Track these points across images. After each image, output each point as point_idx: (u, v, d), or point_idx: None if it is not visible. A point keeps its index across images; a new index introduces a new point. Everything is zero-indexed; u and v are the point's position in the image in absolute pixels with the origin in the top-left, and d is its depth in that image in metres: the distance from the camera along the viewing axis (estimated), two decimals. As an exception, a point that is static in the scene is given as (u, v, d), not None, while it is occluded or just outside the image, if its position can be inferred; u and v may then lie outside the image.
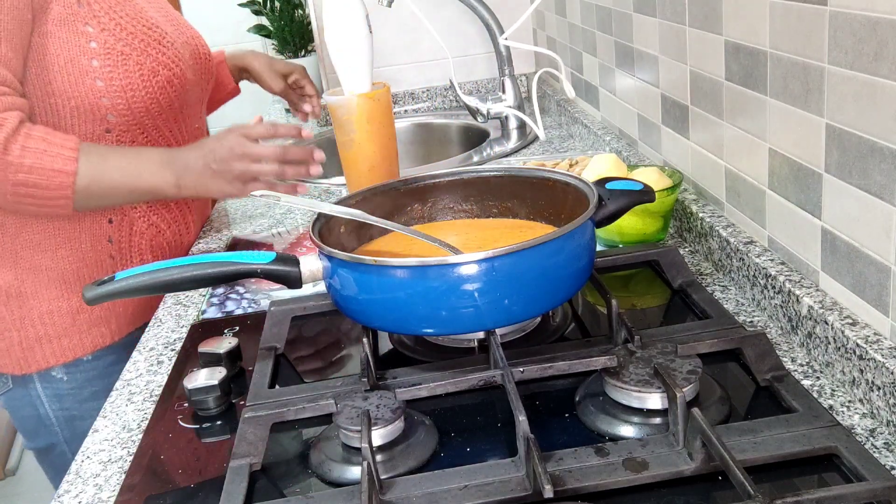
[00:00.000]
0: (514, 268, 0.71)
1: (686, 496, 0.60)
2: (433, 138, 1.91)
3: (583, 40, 1.54)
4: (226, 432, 0.76)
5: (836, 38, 0.69)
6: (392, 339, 0.87)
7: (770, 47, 0.81)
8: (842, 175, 0.72)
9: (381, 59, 1.94)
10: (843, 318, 0.71)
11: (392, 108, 1.20)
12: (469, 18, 1.92)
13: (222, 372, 0.80)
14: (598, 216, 0.81)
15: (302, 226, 1.31)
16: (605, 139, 1.40)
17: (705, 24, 0.96)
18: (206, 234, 1.34)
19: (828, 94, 0.72)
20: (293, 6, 2.29)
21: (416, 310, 0.72)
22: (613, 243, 1.04)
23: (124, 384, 0.89)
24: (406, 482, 0.63)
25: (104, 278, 0.77)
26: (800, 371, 0.75)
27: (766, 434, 0.63)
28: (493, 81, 2.01)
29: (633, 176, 1.02)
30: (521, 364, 0.72)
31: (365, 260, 0.73)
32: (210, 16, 3.31)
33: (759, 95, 0.85)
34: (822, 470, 0.61)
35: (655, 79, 1.16)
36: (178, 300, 1.08)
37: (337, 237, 0.85)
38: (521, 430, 0.61)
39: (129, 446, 0.77)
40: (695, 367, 0.68)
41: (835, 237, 0.74)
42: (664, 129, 1.16)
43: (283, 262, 0.78)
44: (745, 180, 0.91)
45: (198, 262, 0.76)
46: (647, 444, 0.63)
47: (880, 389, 0.65)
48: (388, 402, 0.68)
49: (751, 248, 0.88)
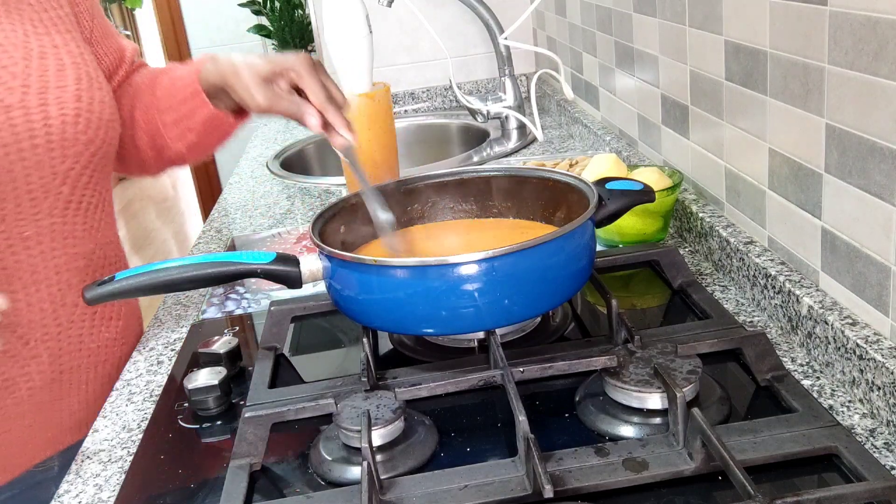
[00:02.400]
0: (514, 268, 0.71)
1: (686, 496, 0.60)
2: (433, 138, 1.91)
3: (583, 40, 1.54)
4: (226, 432, 0.76)
5: (836, 38, 0.69)
6: (392, 339, 0.87)
7: (770, 47, 0.81)
8: (842, 175, 0.72)
9: (381, 59, 1.94)
10: (843, 318, 0.71)
11: (392, 108, 1.20)
12: (469, 18, 1.92)
13: (222, 372, 0.80)
14: (598, 216, 0.81)
15: (302, 226, 1.31)
16: (605, 139, 1.40)
17: (705, 24, 0.96)
18: (205, 234, 1.34)
19: (828, 94, 0.72)
20: (293, 6, 2.29)
21: (416, 310, 0.72)
22: (613, 243, 1.04)
23: (124, 384, 0.89)
24: (406, 482, 0.63)
25: (104, 278, 0.77)
26: (800, 371, 0.75)
27: (766, 434, 0.63)
28: (493, 81, 2.01)
29: (633, 176, 1.02)
30: (521, 364, 0.72)
31: (365, 260, 0.73)
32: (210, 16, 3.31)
33: (759, 95, 0.85)
34: (822, 470, 0.61)
35: (655, 79, 1.16)
36: (178, 300, 1.08)
37: (337, 237, 0.85)
38: (521, 430, 0.61)
39: (129, 446, 0.77)
40: (695, 367, 0.68)
41: (835, 237, 0.74)
42: (664, 129, 1.16)
43: (283, 262, 0.78)
44: (745, 180, 0.91)
45: (198, 262, 0.76)
46: (647, 444, 0.63)
47: (880, 389, 0.65)
48: (388, 402, 0.68)
49: (751, 248, 0.88)
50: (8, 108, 0.84)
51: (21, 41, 0.88)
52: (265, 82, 0.90)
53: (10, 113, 0.84)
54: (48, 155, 0.87)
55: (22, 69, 0.86)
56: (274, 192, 1.53)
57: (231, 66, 0.93)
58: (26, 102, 0.85)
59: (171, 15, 3.45)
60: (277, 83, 0.91)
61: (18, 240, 0.87)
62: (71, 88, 0.89)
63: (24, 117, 0.85)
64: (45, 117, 0.86)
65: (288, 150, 1.79)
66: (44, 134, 0.86)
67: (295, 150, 1.81)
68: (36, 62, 0.88)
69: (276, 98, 0.90)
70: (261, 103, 0.90)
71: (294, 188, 1.53)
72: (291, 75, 0.90)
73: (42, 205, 0.88)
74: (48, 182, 0.88)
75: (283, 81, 0.91)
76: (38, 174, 0.87)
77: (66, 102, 0.88)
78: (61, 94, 0.88)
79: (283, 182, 1.58)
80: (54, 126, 0.87)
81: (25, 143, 0.85)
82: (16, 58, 0.87)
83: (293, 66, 0.90)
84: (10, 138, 0.84)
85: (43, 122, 0.86)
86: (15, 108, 0.84)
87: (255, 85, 0.90)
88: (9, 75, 0.85)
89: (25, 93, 0.85)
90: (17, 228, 0.87)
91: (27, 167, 0.86)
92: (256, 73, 0.90)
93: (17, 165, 0.85)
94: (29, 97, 0.86)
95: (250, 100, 0.91)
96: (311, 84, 0.89)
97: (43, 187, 0.88)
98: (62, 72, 0.89)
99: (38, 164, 0.86)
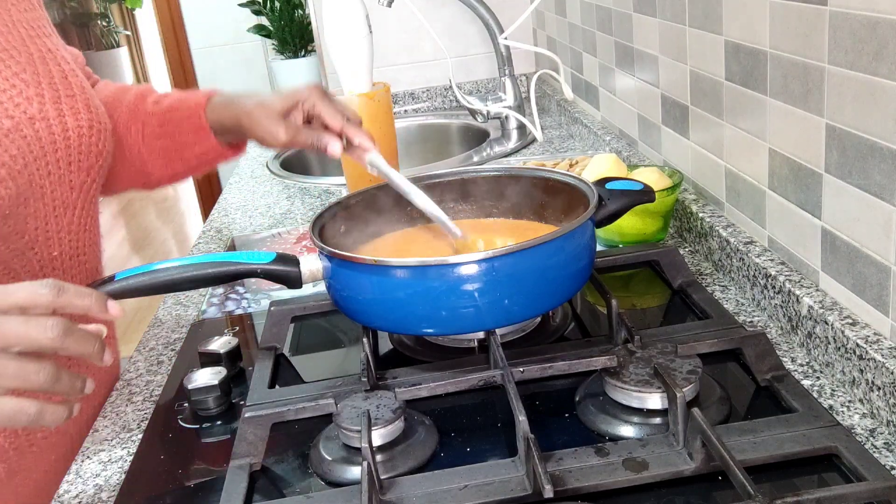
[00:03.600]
0: (514, 268, 0.71)
1: (686, 496, 0.60)
2: (433, 138, 1.90)
3: (583, 40, 1.54)
4: (226, 432, 0.76)
5: (836, 38, 0.69)
6: (392, 339, 0.87)
7: (770, 47, 0.81)
8: (842, 175, 0.72)
9: (381, 59, 1.94)
10: (843, 318, 0.71)
11: (392, 108, 1.20)
12: (469, 18, 1.92)
13: (222, 372, 0.80)
14: (598, 216, 0.81)
15: (302, 226, 1.31)
16: (605, 139, 1.40)
17: (705, 24, 0.96)
18: (205, 234, 1.34)
19: (828, 94, 0.72)
20: (293, 6, 2.29)
21: (416, 310, 0.72)
22: (613, 243, 1.04)
23: (124, 384, 0.89)
24: (406, 482, 0.63)
25: (104, 278, 0.77)
26: (800, 371, 0.75)
27: (766, 434, 0.63)
28: (493, 81, 2.01)
29: (633, 176, 1.02)
30: (521, 364, 0.72)
31: (365, 260, 0.73)
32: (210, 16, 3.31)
33: (759, 95, 0.85)
34: (822, 470, 0.61)
35: (655, 79, 1.16)
36: (178, 300, 1.08)
37: (337, 237, 0.85)
38: (521, 430, 0.61)
39: (129, 446, 0.77)
40: (695, 367, 0.68)
41: (835, 237, 0.74)
42: (664, 129, 1.16)
43: (283, 262, 0.78)
44: (745, 180, 0.91)
45: (198, 262, 0.76)
46: (647, 444, 0.63)
47: (880, 389, 0.65)
48: (388, 402, 0.68)
49: (751, 248, 0.88)
50: (32, 119, 0.80)
51: (20, 44, 0.84)
52: (281, 118, 0.91)
53: (35, 125, 0.80)
54: (68, 168, 0.84)
55: (31, 76, 0.82)
56: (274, 192, 1.53)
57: (245, 108, 0.93)
58: (46, 113, 0.82)
59: (171, 15, 3.45)
60: (294, 116, 0.92)
61: (48, 261, 0.84)
62: (79, 97, 0.86)
63: (47, 129, 0.81)
64: (64, 129, 0.83)
65: (288, 150, 1.79)
66: (64, 147, 0.83)
67: (295, 150, 1.81)
68: (40, 68, 0.84)
69: (296, 132, 0.91)
70: (283, 140, 0.90)
71: (294, 188, 1.53)
72: (306, 107, 0.92)
73: (63, 221, 0.85)
74: (67, 197, 0.85)
75: (299, 114, 0.92)
76: (60, 189, 0.84)
77: (80, 112, 0.86)
78: (73, 104, 0.85)
79: (283, 182, 1.58)
80: (73, 138, 0.84)
81: (51, 156, 0.82)
82: (22, 63, 0.82)
83: (306, 97, 0.91)
84: (39, 151, 0.80)
85: (63, 134, 0.83)
86: (38, 119, 0.81)
87: (274, 123, 0.91)
88: (22, 83, 0.81)
89: (42, 103, 0.82)
90: (47, 249, 0.84)
91: (53, 182, 0.83)
92: (272, 111, 0.91)
93: (46, 181, 0.82)
94: (46, 107, 0.82)
95: (272, 138, 0.91)
96: (328, 110, 0.90)
97: (64, 203, 0.85)
98: (66, 79, 0.86)
99: (61, 178, 0.84)
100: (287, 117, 0.91)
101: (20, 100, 0.80)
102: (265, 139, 0.92)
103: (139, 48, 7.07)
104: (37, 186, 0.80)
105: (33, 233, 0.81)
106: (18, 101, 0.80)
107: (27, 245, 0.81)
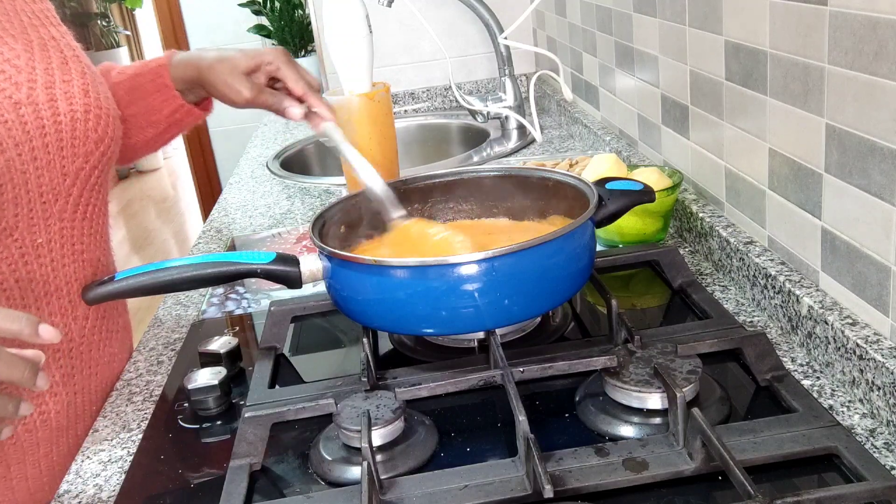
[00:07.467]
0: (514, 268, 0.71)
1: (686, 496, 0.60)
2: (433, 138, 1.91)
3: (583, 40, 1.54)
4: (226, 432, 0.76)
5: (836, 38, 0.69)
6: (392, 339, 0.87)
7: (770, 47, 0.81)
8: (842, 175, 0.72)
9: (381, 59, 1.94)
10: (843, 318, 0.71)
11: (392, 108, 1.20)
12: (469, 18, 1.92)
13: (222, 372, 0.80)
14: (598, 216, 0.81)
15: (302, 226, 1.31)
16: (605, 139, 1.40)
17: (705, 24, 0.96)
18: (205, 234, 1.34)
19: (828, 94, 0.72)
20: (293, 6, 2.30)
21: (416, 310, 0.72)
22: (613, 243, 1.04)
23: (124, 384, 0.89)
24: (406, 482, 0.63)
25: (104, 278, 0.77)
26: (800, 371, 0.75)
27: (766, 434, 0.63)
28: (493, 81, 2.01)
29: (633, 176, 1.02)
30: (521, 364, 0.72)
31: (365, 260, 0.73)
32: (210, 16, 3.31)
33: (759, 95, 0.85)
34: (822, 470, 0.61)
35: (655, 79, 1.16)
36: (178, 300, 1.08)
37: (337, 237, 0.85)
38: (521, 430, 0.61)
39: (129, 446, 0.77)
40: (695, 367, 0.68)
41: (835, 237, 0.74)
42: (664, 129, 1.16)
43: (283, 262, 0.78)
44: (745, 180, 0.91)
45: (198, 262, 0.76)
46: (647, 444, 0.63)
47: (880, 389, 0.65)
48: (388, 402, 0.68)
49: (751, 248, 0.88)
50: (17, 104, 0.78)
51: (20, 31, 0.83)
52: (244, 76, 0.92)
53: (20, 110, 0.78)
54: (59, 154, 0.82)
55: (26, 62, 0.81)
56: (274, 192, 1.53)
57: (207, 61, 0.94)
58: (34, 98, 0.80)
59: (171, 15, 3.45)
60: (256, 76, 0.93)
61: (31, 248, 0.82)
62: (77, 83, 0.84)
63: (34, 114, 0.80)
64: (55, 113, 0.81)
65: (288, 150, 1.79)
66: (54, 132, 0.81)
67: (295, 150, 1.81)
68: (38, 54, 0.83)
69: (259, 91, 0.92)
70: (246, 97, 0.92)
71: (294, 188, 1.53)
72: (269, 68, 0.93)
73: (52, 208, 0.83)
74: (58, 184, 0.83)
75: (261, 75, 0.93)
76: (49, 175, 0.82)
77: (75, 97, 0.83)
78: (69, 89, 0.83)
79: (282, 182, 1.58)
80: (64, 123, 0.82)
81: (37, 141, 0.80)
82: (17, 49, 0.81)
83: (271, 58, 0.93)
84: (23, 136, 0.78)
85: (53, 119, 0.81)
86: (24, 104, 0.79)
87: (237, 80, 0.92)
88: (13, 69, 0.80)
89: (32, 88, 0.80)
90: (31, 236, 0.81)
91: (39, 167, 0.80)
92: (236, 68, 0.92)
93: (30, 166, 0.79)
94: (37, 92, 0.80)
95: (234, 94, 0.92)
96: (291, 74, 0.93)
97: (53, 189, 0.83)
98: (66, 65, 0.85)
99: (50, 164, 0.81)
100: (250, 76, 0.93)
101: (6, 85, 0.79)
102: (227, 95, 0.93)
103: (139, 48, 7.07)
104: (17, 172, 0.78)
105: (12, 219, 0.79)
106: (3, 87, 0.78)
107: (4, 231, 0.78)
